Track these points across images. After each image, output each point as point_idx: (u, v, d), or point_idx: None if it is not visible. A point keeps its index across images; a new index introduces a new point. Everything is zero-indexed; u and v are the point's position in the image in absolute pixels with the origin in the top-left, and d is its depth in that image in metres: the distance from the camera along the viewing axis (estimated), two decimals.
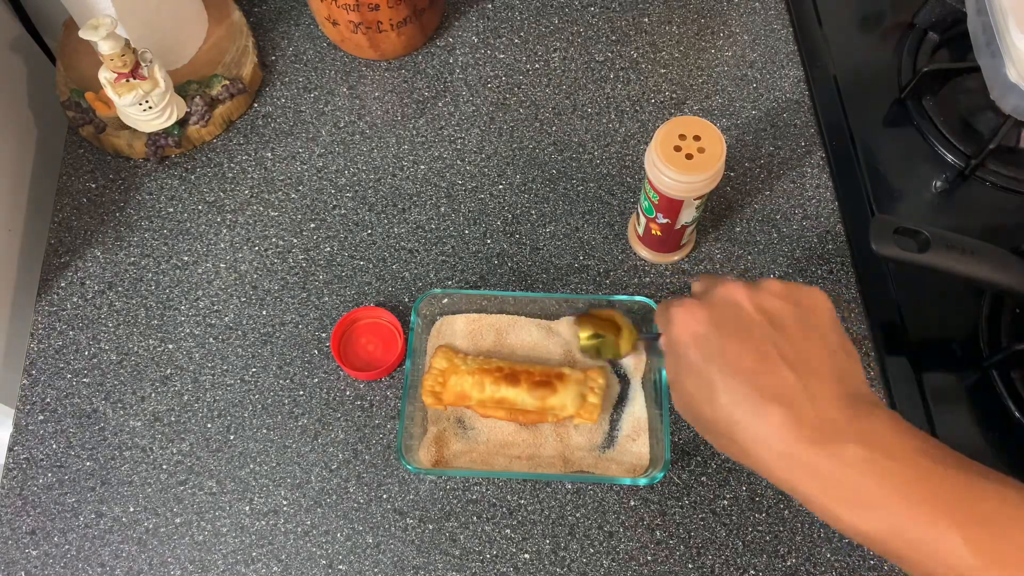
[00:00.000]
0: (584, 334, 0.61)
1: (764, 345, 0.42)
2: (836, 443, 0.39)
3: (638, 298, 0.65)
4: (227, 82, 0.76)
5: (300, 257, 0.73)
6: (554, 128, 0.78)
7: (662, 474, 0.59)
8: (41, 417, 0.67)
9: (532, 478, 0.63)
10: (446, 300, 0.67)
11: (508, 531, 0.62)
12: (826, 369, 0.42)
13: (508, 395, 0.62)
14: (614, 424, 0.64)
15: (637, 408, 0.65)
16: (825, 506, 0.40)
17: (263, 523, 0.63)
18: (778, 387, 0.41)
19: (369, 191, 0.76)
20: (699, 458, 0.64)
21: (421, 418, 0.64)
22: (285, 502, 0.63)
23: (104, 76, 0.70)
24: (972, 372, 0.67)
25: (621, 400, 0.65)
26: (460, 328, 0.67)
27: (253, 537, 0.62)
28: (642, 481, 0.60)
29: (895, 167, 0.77)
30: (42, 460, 0.65)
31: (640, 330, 0.62)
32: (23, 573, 0.62)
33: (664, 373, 0.62)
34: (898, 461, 0.39)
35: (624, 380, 0.66)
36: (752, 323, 0.43)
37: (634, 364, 0.66)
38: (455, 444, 0.64)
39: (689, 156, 0.59)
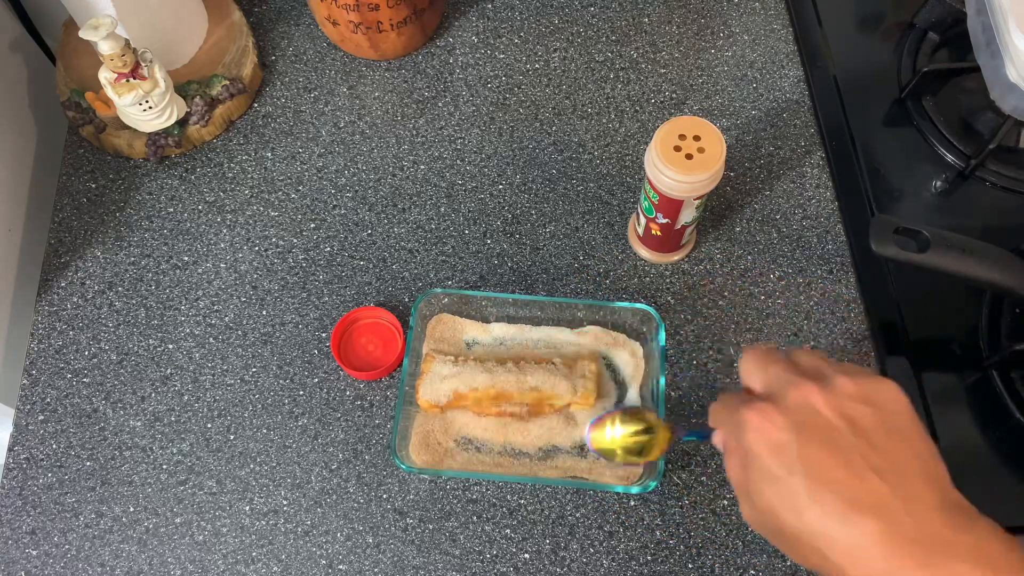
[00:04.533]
0: (632, 428, 0.56)
1: (851, 454, 0.39)
2: (943, 561, 0.36)
3: (639, 305, 0.64)
4: (227, 82, 0.76)
5: (300, 257, 0.73)
6: (554, 128, 0.78)
7: (655, 483, 0.59)
8: (41, 417, 0.67)
9: (525, 482, 0.63)
10: (446, 300, 0.67)
11: (508, 531, 0.62)
12: (918, 475, 0.39)
13: (503, 387, 0.62)
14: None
15: None
16: None
17: (263, 523, 0.63)
18: (871, 497, 0.38)
19: (369, 191, 0.76)
20: (699, 458, 0.64)
21: (416, 418, 0.64)
22: (285, 502, 0.63)
23: (104, 76, 0.70)
24: (972, 372, 0.67)
25: (617, 407, 0.65)
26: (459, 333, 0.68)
27: (253, 537, 0.62)
28: (634, 489, 0.59)
29: (895, 167, 0.76)
30: (42, 460, 0.65)
31: (673, 429, 0.57)
32: (23, 573, 0.62)
33: (663, 382, 0.61)
34: None
35: (621, 386, 0.66)
36: (834, 430, 0.40)
37: (632, 371, 0.66)
38: (447, 443, 0.63)
39: (689, 156, 0.59)
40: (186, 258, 0.73)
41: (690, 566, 0.61)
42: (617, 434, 0.56)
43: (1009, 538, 0.37)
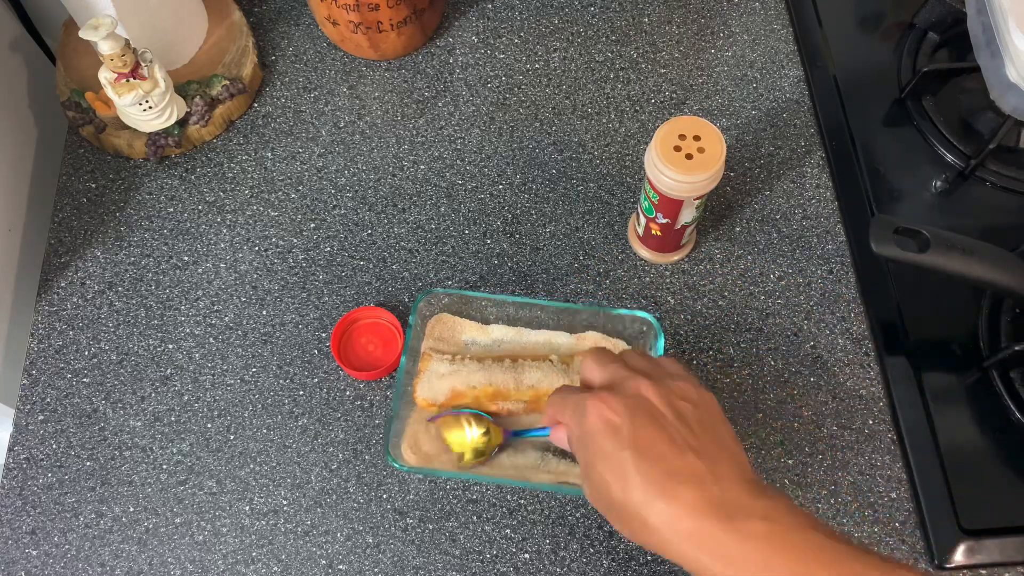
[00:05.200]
0: (482, 430, 0.60)
1: (674, 435, 0.46)
2: (741, 519, 0.43)
3: (639, 313, 0.64)
4: (227, 82, 0.76)
5: (300, 257, 0.73)
6: (554, 128, 0.78)
7: None
8: (41, 417, 0.67)
9: (518, 486, 0.63)
10: (446, 300, 0.67)
11: (508, 531, 0.62)
12: (726, 458, 0.46)
13: (501, 385, 0.62)
14: None
15: None
16: None
17: (263, 523, 0.63)
18: (687, 470, 0.44)
19: (369, 191, 0.76)
20: None
21: (411, 416, 0.64)
22: (285, 502, 0.63)
23: (104, 76, 0.70)
24: (972, 372, 0.67)
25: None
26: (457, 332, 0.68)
27: (253, 537, 0.62)
28: None
29: (895, 167, 0.76)
30: (42, 460, 0.65)
31: (504, 431, 0.61)
32: (23, 573, 0.62)
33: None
34: (796, 534, 0.42)
35: None
36: (662, 416, 0.47)
37: None
38: (438, 443, 0.63)
39: (689, 156, 0.59)
40: (186, 258, 0.73)
41: None
42: (476, 435, 0.60)
43: (798, 508, 0.44)
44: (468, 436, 0.61)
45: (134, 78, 0.69)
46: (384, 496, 0.63)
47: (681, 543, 0.43)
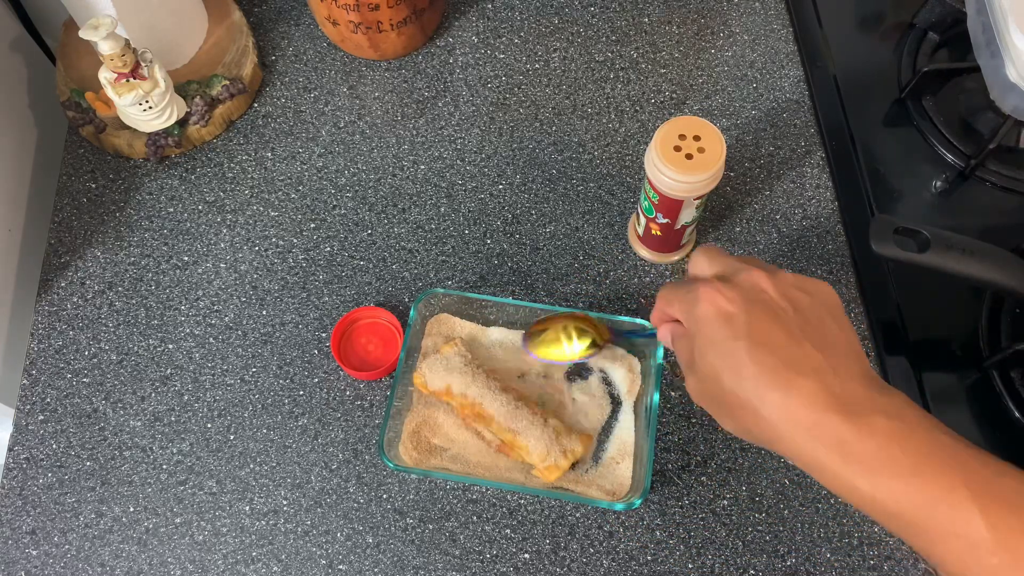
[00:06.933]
0: (586, 342, 0.61)
1: (791, 326, 0.44)
2: (863, 414, 0.40)
3: (639, 321, 0.63)
4: (227, 82, 0.76)
5: (300, 257, 0.73)
6: (554, 128, 0.78)
7: (640, 501, 0.59)
8: (41, 417, 0.67)
9: (512, 490, 0.63)
10: (447, 300, 0.67)
11: (508, 531, 0.62)
12: (846, 351, 0.44)
13: (491, 412, 0.61)
14: (600, 444, 0.64)
15: (625, 431, 0.64)
16: (843, 476, 0.41)
17: (263, 523, 0.63)
18: (806, 361, 0.42)
19: (369, 191, 0.76)
20: (698, 458, 0.64)
21: (407, 416, 0.64)
22: (285, 502, 0.63)
23: (104, 76, 0.70)
24: (972, 372, 0.67)
25: (610, 421, 0.65)
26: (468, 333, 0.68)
27: (253, 537, 0.62)
28: (618, 506, 0.59)
29: (895, 167, 0.77)
30: (42, 460, 0.65)
31: (611, 332, 0.62)
32: (23, 573, 0.62)
33: (656, 398, 0.61)
34: (921, 433, 0.40)
35: (616, 401, 0.65)
36: (778, 307, 0.44)
37: (628, 386, 0.65)
38: (438, 443, 0.63)
39: (689, 156, 0.59)
40: (186, 258, 0.73)
41: (690, 566, 0.61)
42: (576, 350, 0.62)
43: (921, 409, 0.42)
44: (568, 351, 0.62)
45: (134, 78, 0.69)
46: (384, 496, 0.63)
47: (796, 435, 0.41)
